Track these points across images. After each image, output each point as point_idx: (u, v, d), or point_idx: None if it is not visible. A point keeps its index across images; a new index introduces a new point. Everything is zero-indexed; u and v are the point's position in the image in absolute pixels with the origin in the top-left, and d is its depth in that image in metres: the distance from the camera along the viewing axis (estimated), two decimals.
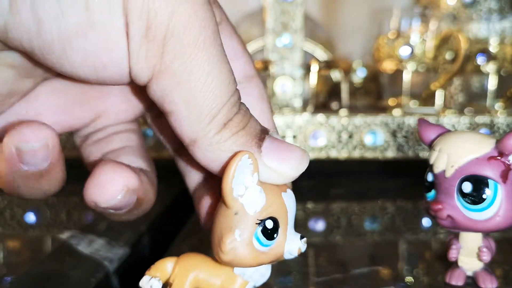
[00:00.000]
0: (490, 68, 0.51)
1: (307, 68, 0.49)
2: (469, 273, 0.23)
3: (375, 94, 0.62)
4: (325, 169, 0.47)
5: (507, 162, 0.21)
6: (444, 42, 0.51)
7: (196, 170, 0.21)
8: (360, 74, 0.57)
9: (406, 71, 0.53)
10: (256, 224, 0.17)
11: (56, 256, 0.27)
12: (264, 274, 0.19)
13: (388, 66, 0.55)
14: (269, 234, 0.17)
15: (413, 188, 0.31)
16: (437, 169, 0.22)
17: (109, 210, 0.18)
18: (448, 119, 0.45)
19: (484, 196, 0.21)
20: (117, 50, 0.16)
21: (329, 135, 0.44)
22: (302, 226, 0.33)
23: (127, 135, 0.21)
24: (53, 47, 0.15)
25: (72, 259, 0.26)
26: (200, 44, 0.16)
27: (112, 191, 0.17)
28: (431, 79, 0.54)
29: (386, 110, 0.49)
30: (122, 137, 0.20)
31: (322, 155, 0.44)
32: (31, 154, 0.16)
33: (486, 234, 0.23)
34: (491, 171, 0.21)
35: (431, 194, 0.22)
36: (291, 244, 0.18)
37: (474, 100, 0.53)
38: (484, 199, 0.21)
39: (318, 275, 0.25)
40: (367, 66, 0.58)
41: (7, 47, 0.16)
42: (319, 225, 0.35)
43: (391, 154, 0.44)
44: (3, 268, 0.26)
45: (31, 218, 0.35)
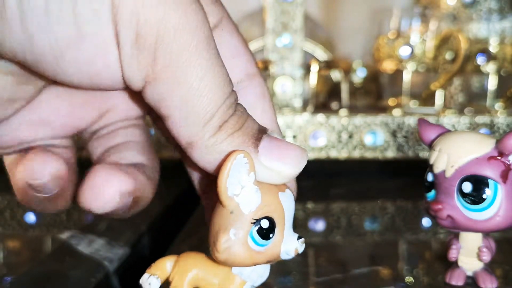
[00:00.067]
0: (490, 68, 0.51)
1: (307, 68, 0.49)
2: (469, 273, 0.23)
3: (375, 94, 0.62)
4: (325, 169, 0.47)
5: (507, 162, 0.21)
6: (444, 42, 0.51)
7: (201, 170, 0.21)
8: (360, 74, 0.57)
9: (406, 71, 0.53)
10: (251, 223, 0.17)
11: (56, 256, 0.27)
12: (262, 275, 0.19)
13: (388, 66, 0.55)
14: (265, 233, 0.17)
15: (413, 188, 0.31)
16: (437, 169, 0.22)
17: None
18: (448, 119, 0.45)
19: (484, 196, 0.21)
20: (108, 59, 0.16)
21: (329, 135, 0.44)
22: (302, 226, 0.33)
23: (131, 130, 0.21)
24: (45, 59, 0.15)
25: (72, 259, 0.26)
26: (192, 49, 0.16)
27: (106, 198, 0.17)
28: (431, 79, 0.54)
29: (386, 110, 0.49)
30: (126, 132, 0.20)
31: (322, 155, 0.44)
32: (41, 186, 0.18)
33: (486, 234, 0.23)
34: (491, 171, 0.21)
35: (431, 194, 0.22)
36: (288, 244, 0.18)
37: (474, 100, 0.53)
38: (484, 199, 0.21)
39: (318, 275, 0.25)
40: (367, 66, 0.58)
41: (2, 58, 0.16)
42: (319, 225, 0.35)
43: (391, 154, 0.44)
44: (3, 268, 0.26)
45: (31, 218, 0.35)
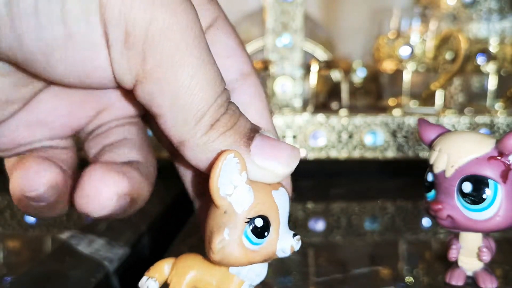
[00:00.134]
0: (490, 68, 0.51)
1: (307, 68, 0.49)
2: (469, 273, 0.23)
3: (375, 94, 0.62)
4: (325, 169, 0.47)
5: (507, 162, 0.21)
6: (444, 42, 0.51)
7: (193, 172, 0.21)
8: (360, 74, 0.57)
9: (406, 71, 0.53)
10: (245, 222, 0.17)
11: (56, 256, 0.27)
12: (260, 274, 0.19)
13: (388, 66, 0.55)
14: (259, 232, 0.17)
15: (413, 188, 0.31)
16: (437, 169, 0.22)
17: None
18: (448, 119, 0.45)
19: (484, 196, 0.21)
20: (98, 59, 0.16)
21: (329, 135, 0.44)
22: (302, 226, 0.33)
23: (127, 128, 0.20)
24: (35, 58, 0.15)
25: (72, 259, 0.26)
26: (182, 48, 0.16)
27: (103, 201, 0.17)
28: (431, 79, 0.54)
29: (386, 110, 0.49)
30: (122, 130, 0.20)
31: (322, 155, 0.44)
32: (37, 196, 0.17)
33: (486, 234, 0.23)
34: (491, 171, 0.21)
35: (431, 194, 0.22)
36: (283, 242, 0.18)
37: (474, 100, 0.53)
38: (484, 199, 0.21)
39: (318, 275, 0.25)
40: (367, 66, 0.58)
41: None
42: (319, 225, 0.35)
43: (391, 154, 0.44)
44: (3, 268, 0.26)
45: (31, 218, 0.35)
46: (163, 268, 0.19)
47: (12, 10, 0.14)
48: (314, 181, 0.44)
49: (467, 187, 0.21)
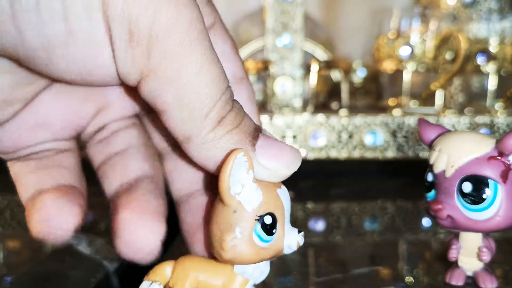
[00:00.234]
0: (490, 68, 0.51)
1: (307, 68, 0.49)
2: (469, 273, 0.23)
3: (375, 94, 0.62)
4: (325, 169, 0.47)
5: (507, 162, 0.21)
6: (444, 42, 0.51)
7: (181, 179, 0.21)
8: (360, 74, 0.57)
9: (406, 71, 0.53)
10: (255, 220, 0.17)
11: (56, 256, 0.27)
12: (264, 271, 0.19)
13: (388, 66, 0.55)
14: (268, 229, 0.17)
15: (413, 188, 0.31)
16: (437, 169, 0.22)
17: None
18: (448, 119, 0.45)
19: (484, 196, 0.21)
20: (100, 56, 0.16)
21: (329, 135, 0.44)
22: (302, 226, 0.33)
23: (129, 132, 0.20)
24: (37, 55, 0.15)
25: (72, 259, 0.26)
26: (186, 44, 0.16)
27: (148, 251, 0.17)
28: (431, 79, 0.54)
29: (386, 110, 0.49)
30: (124, 135, 0.20)
31: (322, 155, 0.44)
32: (62, 240, 0.17)
33: (486, 234, 0.23)
34: (491, 171, 0.21)
35: (431, 194, 0.22)
36: (290, 239, 0.18)
37: (474, 100, 0.53)
38: (484, 199, 0.21)
39: (318, 275, 0.25)
40: (367, 66, 0.58)
41: None
42: (319, 225, 0.35)
43: (391, 154, 0.44)
44: (3, 268, 0.26)
45: None
46: (164, 271, 0.19)
47: (14, 6, 0.14)
48: (314, 181, 0.44)
49: (467, 187, 0.21)
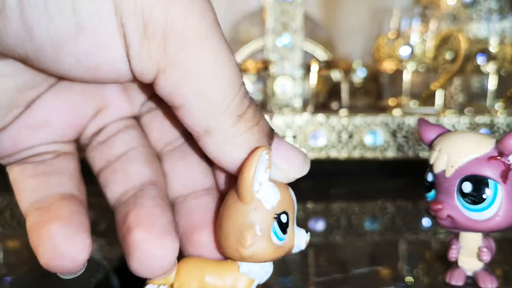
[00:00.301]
0: (490, 68, 0.51)
1: (307, 68, 0.49)
2: (469, 273, 0.23)
3: (375, 94, 0.62)
4: (325, 169, 0.47)
5: (507, 162, 0.21)
6: (444, 42, 0.51)
7: (180, 178, 0.21)
8: (360, 74, 0.57)
9: (406, 71, 0.53)
10: (273, 218, 0.17)
11: None
12: (268, 271, 0.19)
13: (388, 66, 0.55)
14: (283, 228, 0.18)
15: (413, 188, 0.31)
16: (437, 169, 0.22)
17: None
18: (448, 119, 0.45)
19: (484, 196, 0.21)
20: (111, 52, 0.15)
21: (329, 135, 0.44)
22: (302, 226, 0.33)
23: (128, 134, 0.20)
24: (45, 52, 0.15)
25: None
26: (202, 34, 0.15)
27: (163, 269, 0.17)
28: (431, 79, 0.54)
29: (386, 110, 0.49)
30: (124, 137, 0.20)
31: (322, 155, 0.44)
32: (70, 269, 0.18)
33: (486, 234, 0.23)
34: (491, 171, 0.21)
35: (431, 194, 0.22)
36: (299, 238, 0.19)
37: (474, 100, 0.53)
38: (484, 199, 0.21)
39: (318, 275, 0.25)
40: (367, 66, 0.58)
41: (3, 55, 0.16)
42: (319, 225, 0.35)
43: (391, 154, 0.44)
44: (3, 268, 0.26)
45: None
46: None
47: (22, 2, 0.14)
48: (314, 181, 0.44)
49: (467, 187, 0.21)
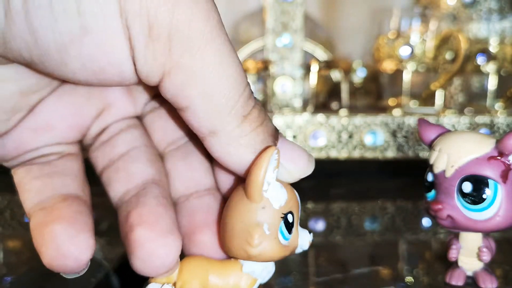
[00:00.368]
0: (490, 68, 0.51)
1: (307, 68, 0.49)
2: (469, 273, 0.23)
3: (375, 94, 0.62)
4: (325, 169, 0.47)
5: (507, 162, 0.21)
6: (444, 42, 0.51)
7: (182, 178, 0.21)
8: (360, 74, 0.57)
9: (406, 71, 0.53)
10: (281, 218, 0.17)
11: None
12: (270, 271, 0.19)
13: (388, 66, 0.55)
14: (289, 227, 0.18)
15: (413, 188, 0.31)
16: (437, 169, 0.22)
17: None
18: (448, 119, 0.45)
19: (484, 196, 0.21)
20: (115, 54, 0.15)
21: (329, 135, 0.44)
22: (302, 226, 0.33)
23: (131, 133, 0.20)
24: (50, 55, 0.15)
25: None
26: (207, 35, 0.16)
27: (167, 267, 0.17)
28: (431, 79, 0.54)
29: (386, 110, 0.49)
30: (126, 136, 0.20)
31: (322, 155, 0.44)
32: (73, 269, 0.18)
33: (486, 234, 0.23)
34: (491, 171, 0.21)
35: (431, 194, 0.22)
36: (303, 238, 0.19)
37: (474, 100, 0.53)
38: (484, 199, 0.21)
39: (318, 275, 0.25)
40: (367, 66, 0.58)
41: (7, 60, 0.16)
42: (319, 225, 0.35)
43: (391, 154, 0.44)
44: (3, 268, 0.26)
45: None
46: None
47: (27, 4, 0.14)
48: (314, 181, 0.44)
49: (467, 187, 0.21)
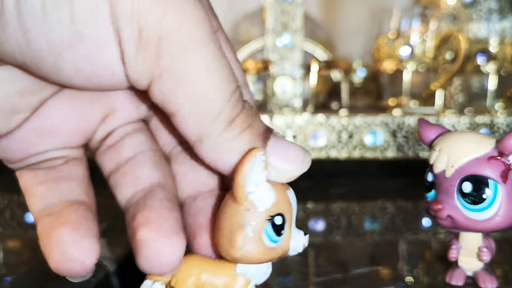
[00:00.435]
0: (490, 68, 0.51)
1: (307, 68, 0.49)
2: (469, 273, 0.23)
3: (375, 94, 0.62)
4: (325, 169, 0.47)
5: (507, 162, 0.21)
6: (444, 42, 0.51)
7: (187, 179, 0.21)
8: (360, 74, 0.57)
9: (406, 71, 0.53)
10: (266, 220, 0.17)
11: None
12: (266, 272, 0.19)
13: (388, 66, 0.55)
14: (277, 230, 0.18)
15: (413, 188, 0.31)
16: (437, 169, 0.22)
17: None
18: (448, 119, 0.45)
19: (484, 196, 0.21)
20: (108, 59, 0.16)
21: (329, 135, 0.44)
22: (302, 226, 0.33)
23: (137, 137, 0.20)
24: (44, 59, 0.15)
25: None
26: (195, 43, 0.16)
27: (172, 267, 0.17)
28: (431, 79, 0.54)
29: (386, 110, 0.49)
30: (132, 140, 0.20)
31: (322, 155, 0.44)
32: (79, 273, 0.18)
33: (486, 234, 0.23)
34: (491, 171, 0.21)
35: (431, 194, 0.22)
36: (296, 240, 0.18)
37: (474, 100, 0.53)
38: (484, 199, 0.21)
39: (318, 275, 0.25)
40: (367, 66, 0.58)
41: (1, 61, 0.16)
42: (319, 225, 0.35)
43: (391, 154, 0.44)
44: (3, 268, 0.26)
45: (31, 218, 0.35)
46: None
47: (20, 10, 0.14)
48: (314, 181, 0.44)
49: (467, 187, 0.21)
